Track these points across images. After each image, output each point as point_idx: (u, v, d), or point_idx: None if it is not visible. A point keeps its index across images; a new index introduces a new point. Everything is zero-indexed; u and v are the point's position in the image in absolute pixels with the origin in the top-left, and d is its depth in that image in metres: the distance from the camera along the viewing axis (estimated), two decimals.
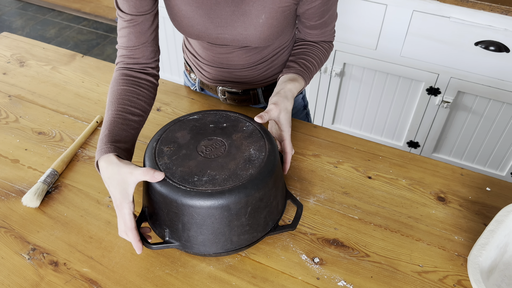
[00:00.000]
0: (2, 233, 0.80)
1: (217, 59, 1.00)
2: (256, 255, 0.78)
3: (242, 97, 1.08)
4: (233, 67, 1.01)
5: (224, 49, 0.97)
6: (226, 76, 1.04)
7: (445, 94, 1.68)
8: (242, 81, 1.05)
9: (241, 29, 0.88)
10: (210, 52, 0.99)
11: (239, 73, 1.02)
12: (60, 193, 0.88)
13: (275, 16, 0.86)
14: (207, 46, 0.98)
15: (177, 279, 0.74)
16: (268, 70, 1.04)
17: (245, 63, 1.00)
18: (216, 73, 1.04)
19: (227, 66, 1.01)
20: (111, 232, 0.81)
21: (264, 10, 0.85)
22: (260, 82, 1.06)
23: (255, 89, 1.07)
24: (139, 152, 0.97)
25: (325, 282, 0.74)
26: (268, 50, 0.99)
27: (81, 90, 1.15)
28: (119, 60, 0.89)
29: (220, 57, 0.99)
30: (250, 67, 1.01)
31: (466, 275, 0.75)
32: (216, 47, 0.97)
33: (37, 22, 3.30)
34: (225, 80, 1.05)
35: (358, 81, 1.81)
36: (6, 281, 0.73)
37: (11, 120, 1.05)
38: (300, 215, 0.80)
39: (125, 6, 0.83)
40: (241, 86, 1.06)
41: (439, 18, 1.52)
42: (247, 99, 1.09)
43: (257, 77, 1.04)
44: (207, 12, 0.87)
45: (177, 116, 1.07)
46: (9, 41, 1.33)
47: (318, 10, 0.89)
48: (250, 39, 0.90)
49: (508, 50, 1.48)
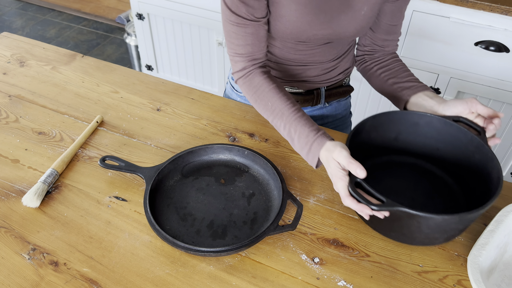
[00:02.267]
0: (2, 233, 0.80)
1: (290, 56, 0.98)
2: (256, 255, 0.78)
3: (305, 97, 1.07)
4: (308, 64, 1.00)
5: (308, 45, 0.95)
6: (294, 74, 1.02)
7: (445, 94, 1.68)
8: (308, 80, 1.04)
9: (345, 22, 0.88)
10: (285, 49, 0.97)
11: (310, 71, 1.02)
12: (60, 193, 0.88)
13: (374, 8, 0.88)
14: (291, 45, 0.96)
15: (177, 279, 0.74)
16: (336, 67, 1.04)
17: (321, 59, 0.99)
18: (282, 70, 1.02)
19: (299, 63, 1.00)
20: (111, 232, 0.81)
21: (367, 2, 0.86)
22: (324, 82, 1.05)
23: (319, 89, 1.07)
24: (139, 152, 0.97)
25: (325, 282, 0.74)
26: (345, 46, 1.00)
27: (81, 90, 1.15)
28: (246, 65, 0.90)
29: (295, 54, 0.97)
30: (322, 63, 1.00)
31: (466, 275, 0.75)
32: (300, 44, 0.95)
33: (37, 22, 3.30)
34: (290, 80, 1.04)
35: (358, 81, 1.81)
36: (6, 281, 0.73)
37: (11, 120, 1.05)
38: (300, 215, 0.80)
39: (250, 11, 0.84)
40: (307, 85, 1.05)
41: (439, 18, 1.52)
42: (310, 99, 1.07)
43: (324, 75, 1.03)
44: (315, 8, 0.86)
45: (177, 116, 1.07)
46: (9, 41, 1.33)
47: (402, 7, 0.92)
48: (347, 33, 0.91)
49: (508, 50, 1.48)
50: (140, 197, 0.87)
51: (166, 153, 0.97)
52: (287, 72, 1.02)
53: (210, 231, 0.81)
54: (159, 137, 1.01)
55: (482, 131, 0.84)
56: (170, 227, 0.81)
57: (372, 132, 0.89)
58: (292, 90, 1.06)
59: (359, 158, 0.87)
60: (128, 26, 2.55)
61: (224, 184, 0.89)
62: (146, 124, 1.04)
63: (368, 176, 0.88)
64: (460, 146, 0.87)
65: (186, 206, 0.85)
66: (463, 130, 0.85)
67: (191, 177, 0.90)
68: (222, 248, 0.75)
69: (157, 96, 1.13)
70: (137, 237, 0.80)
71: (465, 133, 0.85)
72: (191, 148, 0.92)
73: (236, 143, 0.99)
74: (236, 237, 0.80)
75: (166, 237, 0.77)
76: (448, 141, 0.88)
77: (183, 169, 0.91)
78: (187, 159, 0.92)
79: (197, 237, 0.80)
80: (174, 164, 0.90)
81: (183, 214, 0.83)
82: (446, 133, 0.88)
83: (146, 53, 2.26)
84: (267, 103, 0.88)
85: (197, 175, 0.91)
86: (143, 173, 0.87)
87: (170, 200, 0.86)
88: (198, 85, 2.24)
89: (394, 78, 0.98)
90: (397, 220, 0.73)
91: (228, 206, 0.85)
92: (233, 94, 1.16)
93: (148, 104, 1.10)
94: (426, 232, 0.73)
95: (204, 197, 0.86)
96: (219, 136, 1.01)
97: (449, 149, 0.89)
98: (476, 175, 0.83)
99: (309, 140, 0.82)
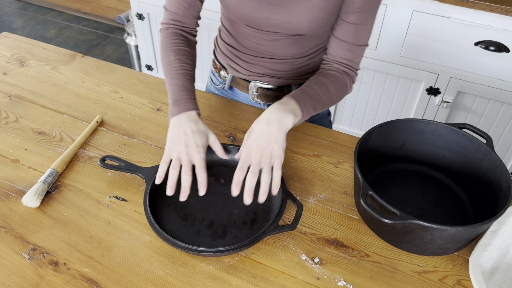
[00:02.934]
0: (2, 233, 0.80)
1: (260, 47, 1.00)
2: (256, 255, 0.78)
3: (275, 93, 1.08)
4: (275, 57, 1.01)
5: (271, 36, 0.97)
6: (264, 67, 1.04)
7: (445, 94, 1.68)
8: (279, 75, 1.05)
9: (296, 11, 0.88)
10: (254, 39, 0.99)
11: (279, 65, 1.03)
12: (60, 193, 0.88)
13: (328, 0, 0.86)
14: (252, 33, 0.98)
15: (177, 279, 0.74)
16: (306, 66, 1.04)
17: (287, 53, 1.00)
18: (254, 63, 1.04)
19: (269, 55, 1.01)
20: (111, 232, 0.81)
21: None
22: (295, 79, 1.06)
23: (290, 86, 1.07)
24: (139, 152, 0.97)
25: (325, 282, 0.74)
26: (311, 44, 0.99)
27: (81, 90, 1.15)
28: (167, 21, 0.98)
29: (263, 45, 0.99)
30: (291, 59, 1.01)
31: (466, 275, 0.75)
32: (263, 33, 0.97)
33: (37, 22, 3.30)
34: (262, 74, 1.05)
35: (358, 81, 1.81)
36: (6, 281, 0.73)
37: (11, 120, 1.05)
38: (300, 215, 0.80)
39: None
40: (277, 81, 1.06)
41: (439, 18, 1.52)
42: (280, 96, 1.07)
43: (295, 72, 1.04)
44: None
45: None
46: (9, 41, 1.33)
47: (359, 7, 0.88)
48: (302, 24, 0.90)
49: (508, 50, 1.48)
50: (140, 197, 0.87)
51: None
52: (257, 65, 1.04)
53: (210, 231, 0.81)
54: (159, 137, 1.01)
55: (489, 138, 0.84)
56: (170, 227, 0.81)
57: (378, 141, 0.89)
58: (263, 85, 1.07)
59: (366, 167, 0.88)
60: (128, 26, 2.55)
61: (224, 184, 0.89)
62: (146, 124, 1.04)
63: (376, 185, 0.89)
64: (467, 153, 0.86)
65: (186, 206, 0.85)
66: (470, 137, 0.85)
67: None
68: (222, 248, 0.75)
69: (157, 96, 1.13)
70: (137, 237, 0.80)
71: (472, 140, 0.85)
72: None
73: (236, 143, 0.99)
74: (236, 237, 0.80)
75: (166, 237, 0.77)
76: (455, 148, 0.88)
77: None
78: None
79: (197, 237, 0.80)
80: None
81: (183, 214, 0.83)
82: (452, 140, 0.88)
83: (146, 53, 2.26)
84: (170, 55, 0.94)
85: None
86: (143, 173, 0.87)
87: (170, 200, 0.85)
88: (198, 85, 2.24)
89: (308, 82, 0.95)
90: (410, 232, 0.73)
91: (228, 206, 0.85)
92: (212, 87, 1.20)
93: (148, 104, 1.10)
94: (439, 243, 0.73)
95: (204, 197, 0.86)
96: (219, 136, 1.01)
97: (455, 156, 0.89)
98: (484, 182, 0.83)
99: (183, 98, 0.87)
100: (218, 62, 1.13)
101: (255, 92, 1.08)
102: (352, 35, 0.91)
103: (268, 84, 1.06)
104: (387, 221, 0.68)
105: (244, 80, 1.09)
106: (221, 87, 1.15)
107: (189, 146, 0.81)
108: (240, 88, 1.11)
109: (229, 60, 1.09)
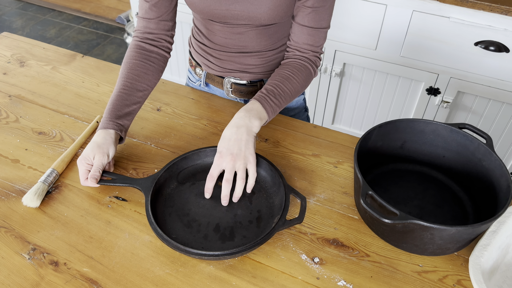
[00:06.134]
0: (2, 233, 0.80)
1: (228, 41, 1.02)
2: (256, 255, 0.78)
3: (249, 88, 1.10)
4: (244, 50, 1.03)
5: (236, 29, 0.98)
6: (235, 62, 1.06)
7: (445, 94, 1.68)
8: (251, 70, 1.06)
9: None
10: (222, 34, 1.01)
11: (250, 59, 1.04)
12: (60, 193, 0.88)
13: None
14: (219, 27, 0.99)
15: (177, 279, 0.74)
16: (276, 60, 1.06)
17: (256, 45, 1.01)
18: (226, 59, 1.06)
19: (238, 49, 1.03)
20: (111, 232, 0.81)
21: None
22: (267, 73, 1.08)
23: (262, 80, 1.09)
24: (139, 152, 0.97)
25: (325, 282, 0.74)
26: (278, 35, 1.00)
27: (81, 90, 1.15)
28: (136, 28, 0.99)
29: (231, 39, 1.01)
30: (260, 52, 1.03)
31: (466, 275, 0.75)
32: (229, 27, 0.98)
33: (37, 22, 3.30)
34: (234, 69, 1.07)
35: (358, 81, 1.82)
36: (6, 281, 0.73)
37: (11, 120, 1.05)
38: (305, 208, 0.80)
39: None
40: (249, 76, 1.08)
41: (439, 18, 1.52)
42: (254, 91, 1.10)
43: (266, 66, 1.06)
44: None
45: (177, 116, 1.07)
46: (9, 41, 1.33)
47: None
48: (261, 12, 0.91)
49: (508, 50, 1.48)
50: (140, 197, 0.87)
51: (166, 153, 0.97)
52: (228, 60, 1.06)
53: (217, 234, 0.80)
54: (159, 137, 1.01)
55: (489, 138, 0.83)
56: (177, 236, 0.79)
57: (378, 141, 0.89)
58: (236, 81, 1.09)
59: (366, 167, 0.88)
60: (128, 26, 2.55)
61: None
62: (146, 124, 1.04)
63: (376, 185, 0.89)
64: (467, 153, 0.86)
65: (189, 212, 0.84)
66: (470, 137, 0.85)
67: (188, 183, 0.89)
68: (236, 249, 0.74)
69: (157, 96, 1.13)
70: (137, 237, 0.80)
71: (472, 140, 0.85)
72: (184, 154, 0.91)
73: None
74: (245, 237, 0.79)
75: (178, 246, 0.74)
76: (454, 148, 0.88)
77: (178, 176, 0.90)
78: (181, 166, 0.90)
79: (205, 242, 0.79)
80: (169, 172, 0.88)
81: (187, 221, 0.82)
82: (452, 140, 0.88)
83: None
84: (123, 70, 0.96)
85: (193, 180, 0.90)
86: (140, 184, 0.85)
87: (171, 208, 0.84)
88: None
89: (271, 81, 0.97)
90: (410, 232, 0.73)
91: (230, 207, 0.85)
92: (190, 84, 1.23)
93: (148, 104, 1.10)
94: (439, 243, 0.73)
95: (205, 202, 0.85)
96: (219, 136, 1.01)
97: (455, 156, 0.89)
98: (484, 182, 0.83)
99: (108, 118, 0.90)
100: (194, 60, 1.15)
101: (229, 88, 1.11)
102: (312, 19, 0.93)
103: (240, 79, 1.09)
104: (387, 221, 0.68)
105: (218, 77, 1.11)
106: (198, 84, 1.19)
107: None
108: (215, 84, 1.14)
109: (202, 57, 1.11)
